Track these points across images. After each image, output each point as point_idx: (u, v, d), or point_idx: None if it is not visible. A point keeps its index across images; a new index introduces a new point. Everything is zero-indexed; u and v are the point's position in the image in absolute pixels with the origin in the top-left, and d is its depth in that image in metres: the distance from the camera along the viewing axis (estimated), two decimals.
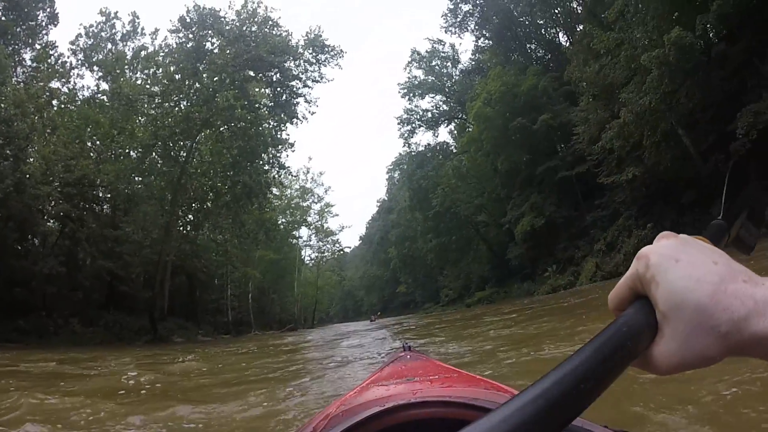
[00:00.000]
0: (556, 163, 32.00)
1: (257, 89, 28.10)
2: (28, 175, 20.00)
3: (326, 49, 28.48)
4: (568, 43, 36.89)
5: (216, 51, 25.85)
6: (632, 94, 17.75)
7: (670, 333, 0.40)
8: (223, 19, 26.53)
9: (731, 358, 0.39)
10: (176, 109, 26.18)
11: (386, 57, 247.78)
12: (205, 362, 11.91)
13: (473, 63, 48.45)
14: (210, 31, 26.15)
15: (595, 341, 0.38)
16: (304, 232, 61.92)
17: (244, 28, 26.73)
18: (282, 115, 29.04)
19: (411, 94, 48.49)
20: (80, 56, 33.90)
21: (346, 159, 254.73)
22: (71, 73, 32.28)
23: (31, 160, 21.16)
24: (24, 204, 20.61)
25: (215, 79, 25.04)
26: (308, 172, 59.81)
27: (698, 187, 20.51)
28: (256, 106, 27.18)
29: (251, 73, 26.91)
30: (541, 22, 41.97)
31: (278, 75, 28.15)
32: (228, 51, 25.55)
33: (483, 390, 1.09)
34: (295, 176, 51.94)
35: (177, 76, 25.80)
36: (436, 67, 49.26)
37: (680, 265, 0.41)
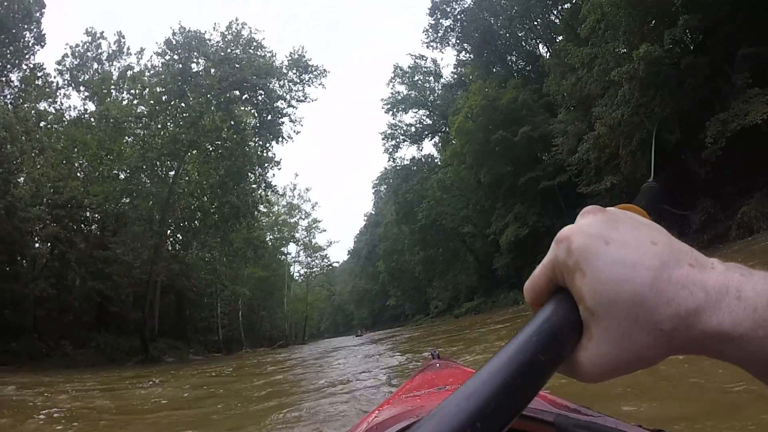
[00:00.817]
0: (538, 173, 32.69)
1: (243, 109, 28.60)
2: (18, 198, 20.15)
3: (309, 68, 29.15)
4: (548, 54, 37.81)
5: (201, 73, 26.35)
6: (605, 107, 18.54)
7: (600, 334, 0.32)
8: (208, 41, 27.10)
9: None
10: (163, 131, 26.56)
11: (386, 57, 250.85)
12: (171, 388, 11.08)
13: (455, 77, 49.45)
14: (195, 53, 26.64)
15: (501, 355, 0.31)
16: (292, 248, 62.29)
17: (229, 51, 27.29)
18: (268, 135, 29.55)
19: (395, 110, 49.36)
20: (66, 76, 34.15)
21: (333, 173, 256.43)
22: (58, 93, 32.55)
23: (21, 181, 21.30)
24: (14, 226, 20.78)
25: (201, 100, 25.48)
26: (295, 188, 60.26)
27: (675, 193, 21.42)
28: (242, 127, 27.65)
29: (237, 94, 27.40)
30: (521, 34, 42.96)
31: (263, 96, 28.68)
32: (214, 72, 26.05)
33: None
34: (281, 194, 52.39)
35: (164, 98, 26.21)
36: (419, 81, 50.26)
37: (611, 248, 0.32)
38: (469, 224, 43.91)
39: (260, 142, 30.39)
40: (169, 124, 26.97)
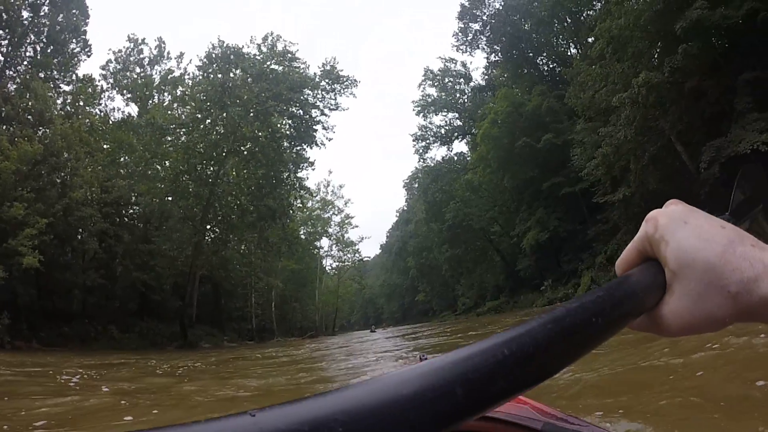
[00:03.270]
0: (561, 179, 33.31)
1: (279, 120, 30.35)
2: (74, 200, 22.43)
3: (341, 79, 30.67)
4: (578, 55, 37.77)
5: (239, 83, 28.17)
6: (612, 126, 19.30)
7: (680, 291, 0.40)
8: (246, 55, 28.90)
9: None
10: (205, 138, 28.59)
11: (386, 57, 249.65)
12: (174, 375, 11.61)
13: (486, 78, 50.00)
14: (234, 67, 28.50)
15: (597, 291, 0.37)
16: (324, 242, 64.05)
17: (266, 66, 29.02)
18: (302, 143, 31.25)
19: (425, 111, 50.39)
20: (110, 80, 36.67)
21: (366, 168, 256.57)
22: (102, 96, 34.87)
23: (76, 183, 23.55)
24: (68, 224, 23.13)
25: (240, 111, 27.26)
26: (329, 185, 62.05)
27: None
28: (278, 135, 29.40)
29: (273, 104, 29.12)
30: (552, 35, 42.83)
31: (297, 107, 30.37)
32: (252, 86, 27.83)
33: None
34: (316, 191, 54.28)
35: (206, 105, 28.20)
36: (449, 84, 51.07)
37: (689, 227, 0.41)
38: (497, 224, 44.74)
39: (296, 148, 32.08)
40: (210, 131, 28.98)
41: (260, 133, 27.20)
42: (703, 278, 0.38)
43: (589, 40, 30.36)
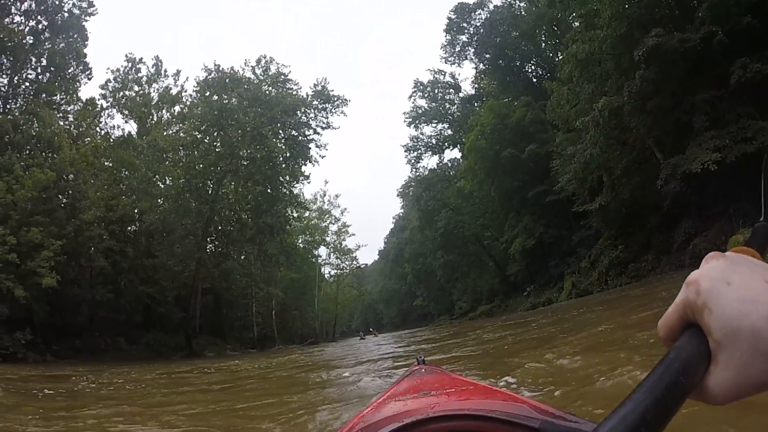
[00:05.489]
0: (546, 187, 34.73)
1: (274, 141, 31.89)
2: (84, 222, 23.88)
3: (332, 99, 32.26)
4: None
5: (236, 107, 29.71)
6: (580, 145, 20.78)
7: (726, 361, 0.38)
8: (241, 78, 30.48)
9: None
10: (206, 157, 30.10)
11: (386, 57, 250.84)
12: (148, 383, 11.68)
13: (475, 88, 51.43)
14: (229, 92, 30.07)
15: (648, 381, 0.37)
16: (323, 251, 65.38)
17: (261, 90, 30.56)
18: (298, 159, 32.78)
19: (416, 122, 51.93)
20: (110, 99, 37.99)
21: (362, 174, 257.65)
22: (102, 114, 36.13)
23: (84, 205, 24.97)
24: (78, 243, 24.56)
25: (237, 133, 28.77)
26: (325, 194, 63.50)
27: (660, 213, 23.32)
28: (274, 155, 30.93)
29: (269, 127, 30.59)
30: (541, 43, 44.10)
31: (291, 129, 31.92)
32: (247, 111, 29.37)
33: (500, 402, 1.07)
34: (312, 200, 55.71)
35: (203, 126, 29.73)
36: (439, 95, 52.60)
37: (732, 288, 0.39)
38: (488, 231, 46.15)
39: (292, 165, 33.56)
40: (209, 151, 30.51)
41: (257, 154, 28.72)
42: (750, 347, 0.37)
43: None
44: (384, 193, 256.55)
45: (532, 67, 46.66)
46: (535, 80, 45.10)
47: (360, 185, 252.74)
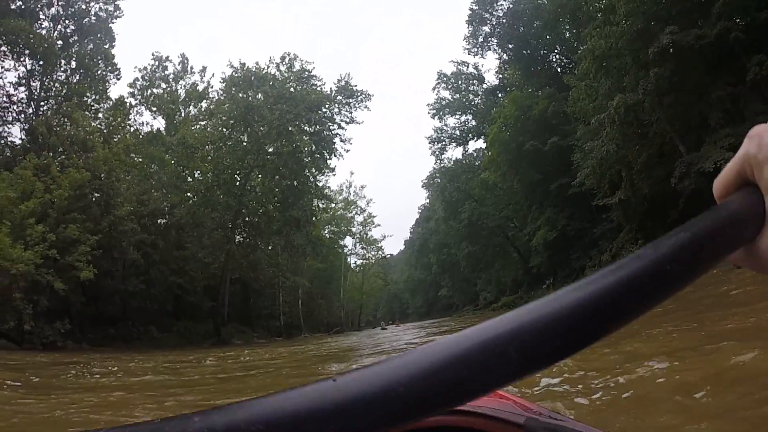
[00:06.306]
0: (568, 179, 34.47)
1: (301, 138, 32.63)
2: (119, 217, 25.12)
3: (355, 94, 32.74)
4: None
5: (262, 102, 30.44)
6: (597, 141, 20.73)
7: None
8: (266, 75, 31.18)
9: None
10: (232, 154, 31.02)
11: (386, 57, 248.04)
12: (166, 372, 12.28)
13: (498, 80, 51.01)
14: (255, 89, 30.85)
15: (692, 223, 0.33)
16: (348, 241, 66.24)
17: (286, 87, 31.21)
18: (323, 153, 33.45)
19: (440, 114, 51.90)
20: (138, 96, 39.34)
21: (389, 165, 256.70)
22: (131, 111, 37.12)
23: (119, 201, 26.19)
24: (112, 237, 25.81)
25: (263, 130, 29.53)
26: (350, 186, 64.16)
27: (677, 208, 23.17)
28: (299, 151, 31.65)
29: (294, 123, 31.29)
30: (565, 31, 43.26)
31: (315, 125, 32.57)
32: (273, 108, 30.09)
33: (487, 398, 1.06)
34: (338, 191, 56.42)
35: (231, 122, 30.60)
36: (462, 86, 52.40)
37: None
38: (512, 222, 46.11)
39: (317, 159, 34.25)
40: (236, 146, 31.41)
41: (283, 150, 29.53)
42: None
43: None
44: (384, 193, 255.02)
45: (556, 56, 45.96)
46: (559, 69, 44.44)
47: (382, 179, 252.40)
